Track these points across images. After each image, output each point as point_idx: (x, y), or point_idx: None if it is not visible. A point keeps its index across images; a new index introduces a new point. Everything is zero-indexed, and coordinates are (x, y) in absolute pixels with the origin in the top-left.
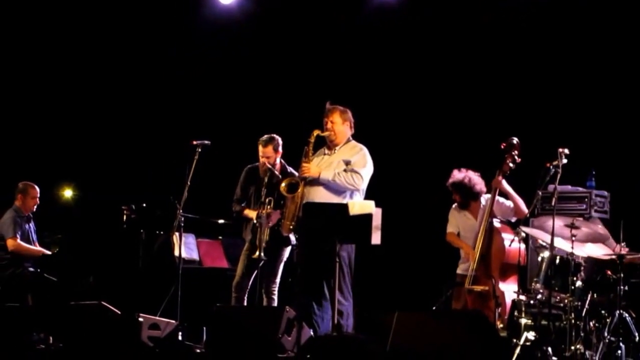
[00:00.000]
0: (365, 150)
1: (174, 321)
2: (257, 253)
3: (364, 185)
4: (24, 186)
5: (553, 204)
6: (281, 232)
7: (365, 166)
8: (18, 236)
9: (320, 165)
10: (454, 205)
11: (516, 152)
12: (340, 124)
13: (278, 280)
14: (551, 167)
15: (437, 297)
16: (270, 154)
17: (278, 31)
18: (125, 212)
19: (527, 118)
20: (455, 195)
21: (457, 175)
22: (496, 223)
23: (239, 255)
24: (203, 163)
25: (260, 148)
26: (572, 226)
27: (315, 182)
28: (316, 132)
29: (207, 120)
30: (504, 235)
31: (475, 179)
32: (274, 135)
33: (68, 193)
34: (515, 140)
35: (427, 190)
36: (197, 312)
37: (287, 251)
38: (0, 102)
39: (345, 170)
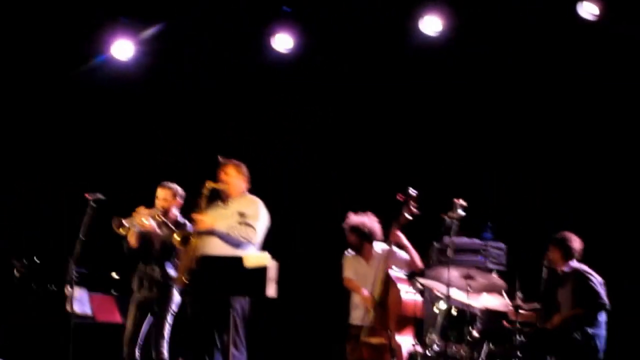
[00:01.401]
0: (259, 202)
1: None
2: None
3: (258, 238)
4: None
5: (449, 254)
6: (174, 285)
7: (259, 219)
8: None
9: (214, 218)
10: (346, 252)
11: (413, 203)
12: (234, 177)
13: (167, 334)
14: (447, 218)
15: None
16: (168, 198)
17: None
18: (16, 266)
19: (424, 168)
20: (350, 237)
21: (354, 217)
22: (392, 274)
23: None
24: (98, 216)
25: (158, 190)
26: (467, 277)
27: (210, 234)
28: (209, 184)
29: (104, 171)
30: (399, 286)
31: (372, 222)
32: (175, 184)
33: None
34: (412, 191)
35: (321, 240)
36: None
37: (175, 304)
38: None
39: (239, 222)
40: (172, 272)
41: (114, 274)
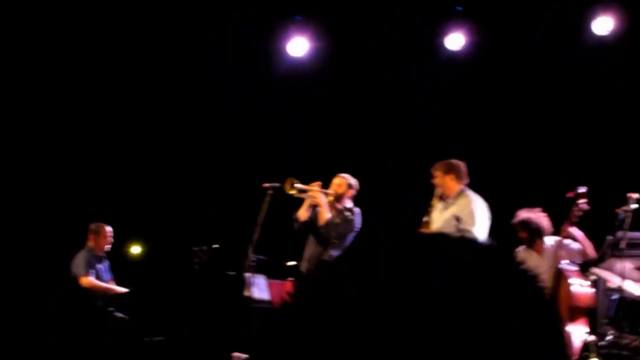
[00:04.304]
0: (474, 203)
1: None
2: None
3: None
4: (96, 227)
5: (622, 247)
6: None
7: (475, 223)
8: (91, 274)
9: (435, 220)
10: (520, 248)
11: (584, 200)
12: (441, 177)
13: None
14: (621, 212)
15: None
16: (342, 185)
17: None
18: (197, 253)
19: (596, 163)
20: (521, 233)
21: (523, 213)
22: (563, 267)
23: None
24: (274, 205)
25: (334, 179)
26: None
27: None
28: (434, 202)
29: (279, 163)
30: (571, 280)
31: (539, 217)
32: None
33: (136, 250)
34: (582, 189)
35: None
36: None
37: None
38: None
39: (457, 229)
40: None
41: (290, 262)
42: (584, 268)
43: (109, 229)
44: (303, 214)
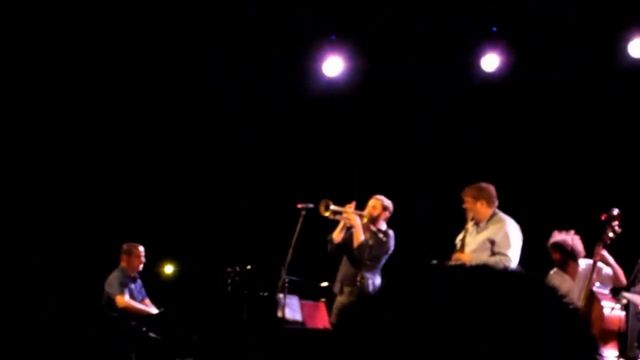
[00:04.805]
0: (508, 226)
1: None
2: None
3: (515, 261)
4: (129, 247)
5: None
6: None
7: (510, 246)
8: (126, 293)
9: (469, 243)
10: (552, 271)
11: (617, 223)
12: (472, 203)
13: None
14: None
15: None
16: (377, 207)
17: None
18: (230, 273)
19: (629, 185)
20: (554, 254)
21: (558, 235)
22: (595, 290)
23: None
24: (307, 226)
25: (370, 200)
26: None
27: None
28: (467, 224)
29: (312, 183)
30: (603, 302)
31: (574, 240)
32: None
33: (169, 269)
34: (615, 211)
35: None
36: None
37: None
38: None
39: (493, 253)
40: (377, 281)
41: (323, 283)
42: (615, 293)
43: (141, 248)
44: (337, 235)
